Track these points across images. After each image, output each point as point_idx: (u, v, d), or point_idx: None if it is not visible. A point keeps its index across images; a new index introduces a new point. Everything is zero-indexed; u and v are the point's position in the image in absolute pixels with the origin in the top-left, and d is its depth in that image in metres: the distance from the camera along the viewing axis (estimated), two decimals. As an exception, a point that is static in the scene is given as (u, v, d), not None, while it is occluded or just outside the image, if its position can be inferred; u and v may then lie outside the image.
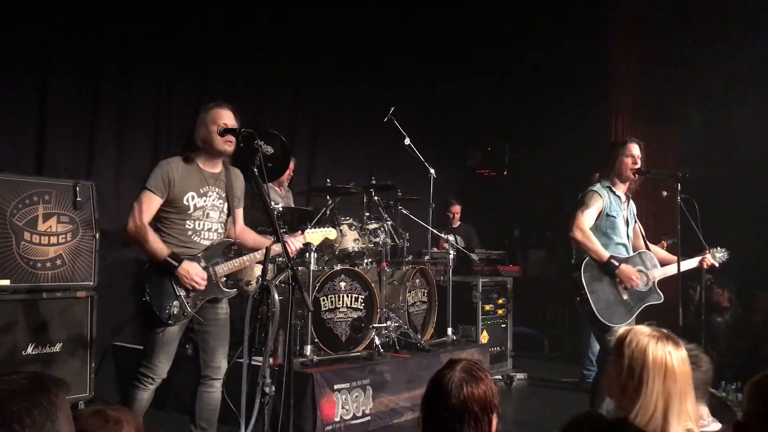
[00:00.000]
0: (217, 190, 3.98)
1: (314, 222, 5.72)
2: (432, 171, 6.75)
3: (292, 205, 6.65)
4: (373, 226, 6.09)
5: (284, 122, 7.75)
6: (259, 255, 4.01)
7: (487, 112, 9.89)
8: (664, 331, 2.30)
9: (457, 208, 8.27)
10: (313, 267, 5.41)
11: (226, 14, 7.16)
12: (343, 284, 5.63)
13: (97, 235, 5.30)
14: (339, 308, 5.59)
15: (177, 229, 3.86)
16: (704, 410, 2.52)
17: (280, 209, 5.74)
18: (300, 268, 5.44)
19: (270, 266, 4.82)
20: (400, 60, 8.93)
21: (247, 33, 7.41)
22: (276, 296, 3.21)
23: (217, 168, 4.01)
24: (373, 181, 6.27)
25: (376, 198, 6.22)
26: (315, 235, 4.31)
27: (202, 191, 3.91)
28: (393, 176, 7.12)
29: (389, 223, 6.22)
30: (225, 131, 3.85)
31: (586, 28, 8.75)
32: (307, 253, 5.31)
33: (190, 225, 3.88)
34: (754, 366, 5.38)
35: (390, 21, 8.69)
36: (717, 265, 5.02)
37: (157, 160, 6.39)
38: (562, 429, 1.77)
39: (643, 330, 2.28)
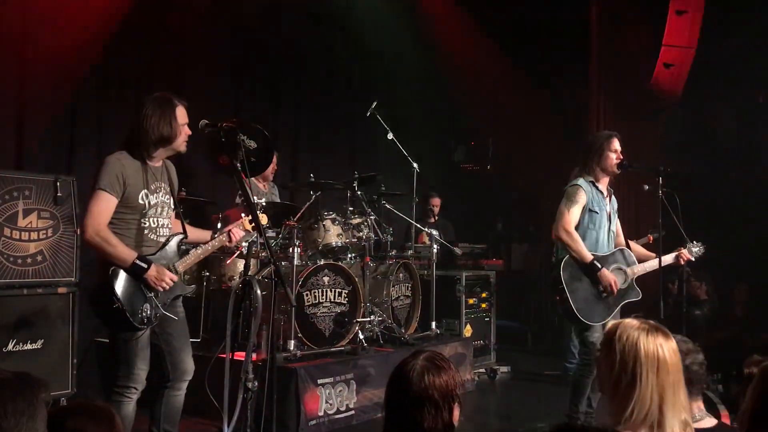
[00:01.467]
0: (163, 185, 3.86)
1: (297, 217, 5.72)
2: (415, 165, 6.74)
3: (277, 200, 6.64)
4: (356, 220, 6.09)
5: (266, 117, 7.72)
6: (210, 247, 3.94)
7: (470, 107, 9.90)
8: (653, 323, 2.29)
9: (437, 201, 8.27)
10: (296, 262, 5.41)
11: (206, 9, 7.11)
12: (326, 279, 5.63)
13: (79, 230, 5.25)
14: (322, 303, 5.59)
15: (133, 229, 3.71)
16: (696, 405, 2.51)
17: (263, 204, 5.72)
18: (283, 263, 5.43)
19: (252, 261, 4.80)
20: (383, 54, 8.91)
21: (227, 28, 7.37)
22: (258, 291, 3.21)
23: (159, 162, 3.88)
24: (357, 176, 6.25)
25: (359, 193, 6.22)
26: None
27: (152, 188, 3.78)
28: (376, 171, 7.11)
29: (372, 217, 6.22)
30: (207, 125, 3.81)
31: (568, 22, 8.79)
32: (291, 248, 5.31)
33: (146, 223, 3.76)
34: (735, 358, 5.43)
35: (372, 14, 8.68)
36: (693, 259, 5.05)
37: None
38: None
39: (632, 323, 2.26)
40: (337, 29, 8.42)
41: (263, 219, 4.27)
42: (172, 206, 3.94)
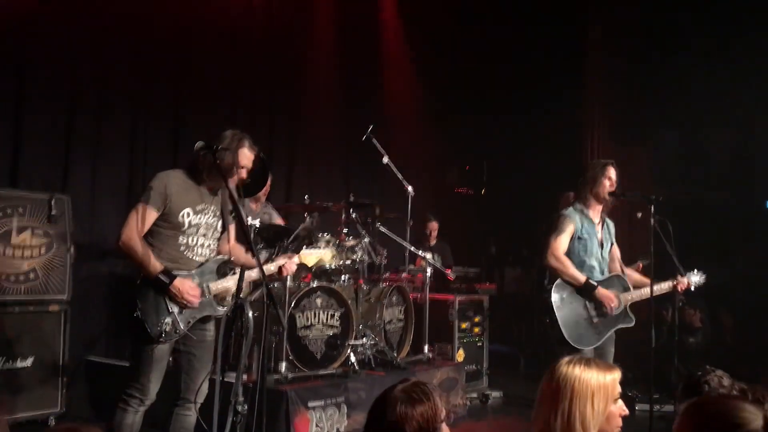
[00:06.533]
0: (213, 207, 3.93)
1: (291, 239, 5.71)
2: (410, 188, 6.77)
3: (278, 220, 6.65)
4: (350, 243, 6.09)
5: (262, 138, 7.74)
6: (254, 274, 3.93)
7: (465, 131, 9.97)
8: (582, 357, 2.38)
9: (434, 225, 8.29)
10: (289, 283, 5.40)
11: (201, 32, 7.16)
12: (319, 301, 5.62)
13: (72, 248, 5.26)
14: (314, 325, 5.58)
15: (170, 244, 3.79)
16: None
17: (257, 225, 5.73)
18: (276, 284, 5.43)
19: (245, 282, 4.79)
20: (378, 77, 9.00)
21: (225, 48, 7.41)
22: (250, 314, 3.20)
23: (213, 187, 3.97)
24: (352, 198, 6.27)
25: (354, 215, 6.23)
26: (310, 257, 4.30)
27: (198, 208, 3.86)
28: (371, 193, 7.14)
29: (367, 240, 6.22)
30: (203, 147, 3.83)
31: (562, 49, 8.88)
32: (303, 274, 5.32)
33: (183, 240, 3.81)
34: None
35: (364, 37, 8.77)
36: (692, 288, 5.07)
37: (133, 174, 6.50)
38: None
39: (564, 360, 2.37)
40: (335, 52, 8.50)
41: (312, 260, 4.33)
42: (219, 230, 3.99)
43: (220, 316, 3.99)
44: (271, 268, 4.03)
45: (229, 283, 3.95)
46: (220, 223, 4.00)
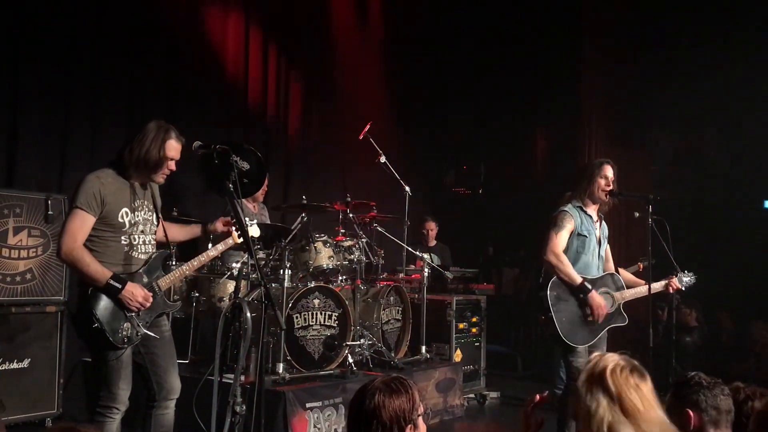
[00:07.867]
0: (146, 202, 3.87)
1: (288, 239, 5.71)
2: (407, 189, 6.76)
3: (267, 221, 6.63)
4: (347, 243, 6.08)
5: (258, 138, 7.74)
6: (197, 263, 3.95)
7: (462, 131, 9.98)
8: (629, 360, 2.29)
9: (431, 226, 8.27)
10: (286, 284, 5.40)
11: (196, 37, 7.17)
12: (316, 301, 5.61)
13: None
14: (312, 326, 5.57)
15: (113, 247, 3.69)
16: None
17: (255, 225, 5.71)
18: (273, 285, 5.42)
19: (243, 283, 4.79)
20: (375, 77, 8.99)
21: (220, 52, 7.41)
22: (248, 314, 3.20)
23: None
24: (349, 199, 6.25)
25: (351, 215, 6.22)
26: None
27: (134, 206, 3.79)
28: (368, 193, 7.13)
29: (364, 240, 6.21)
30: (200, 147, 3.83)
31: (559, 51, 8.89)
32: (281, 270, 5.32)
33: (125, 241, 3.74)
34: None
35: (364, 38, 8.77)
36: (684, 289, 5.08)
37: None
38: None
39: (612, 357, 2.28)
40: (329, 55, 8.51)
41: (255, 232, 4.28)
42: (155, 223, 3.94)
43: (175, 310, 3.96)
44: (210, 253, 4.03)
45: (176, 275, 3.91)
46: (154, 217, 3.93)
